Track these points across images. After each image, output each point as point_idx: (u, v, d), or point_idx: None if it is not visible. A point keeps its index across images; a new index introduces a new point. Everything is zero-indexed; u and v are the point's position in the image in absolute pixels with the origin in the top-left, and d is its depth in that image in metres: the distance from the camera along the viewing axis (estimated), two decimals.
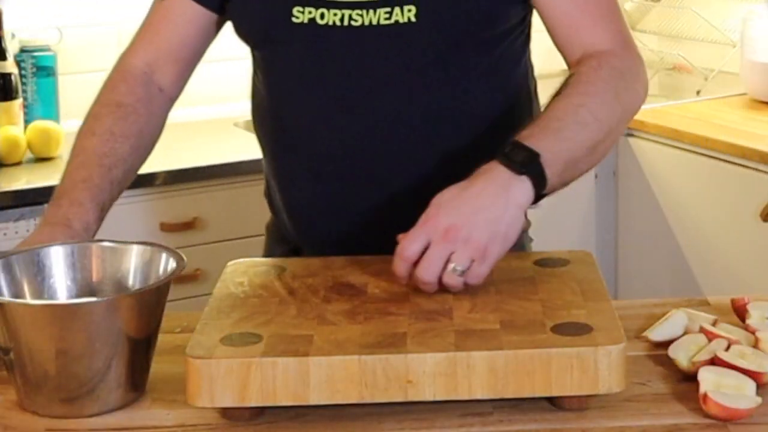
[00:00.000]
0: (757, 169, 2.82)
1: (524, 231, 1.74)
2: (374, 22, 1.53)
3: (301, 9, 1.56)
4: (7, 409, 1.31)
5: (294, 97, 1.61)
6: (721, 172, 2.93)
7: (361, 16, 1.54)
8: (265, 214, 2.85)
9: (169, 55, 1.68)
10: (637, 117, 3.24)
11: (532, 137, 1.42)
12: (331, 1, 1.54)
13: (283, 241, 1.72)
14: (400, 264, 1.37)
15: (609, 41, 1.55)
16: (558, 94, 1.50)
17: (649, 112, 3.20)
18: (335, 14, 1.54)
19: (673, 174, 3.07)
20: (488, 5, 1.55)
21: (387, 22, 1.53)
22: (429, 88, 1.56)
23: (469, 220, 1.36)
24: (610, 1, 1.59)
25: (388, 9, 1.53)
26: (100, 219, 1.56)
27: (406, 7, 1.52)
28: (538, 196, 1.41)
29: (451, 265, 1.35)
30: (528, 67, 1.68)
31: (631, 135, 3.16)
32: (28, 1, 3.05)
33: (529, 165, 1.39)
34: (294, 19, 1.56)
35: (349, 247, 1.54)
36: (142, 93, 1.66)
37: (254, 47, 1.67)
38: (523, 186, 1.39)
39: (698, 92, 3.39)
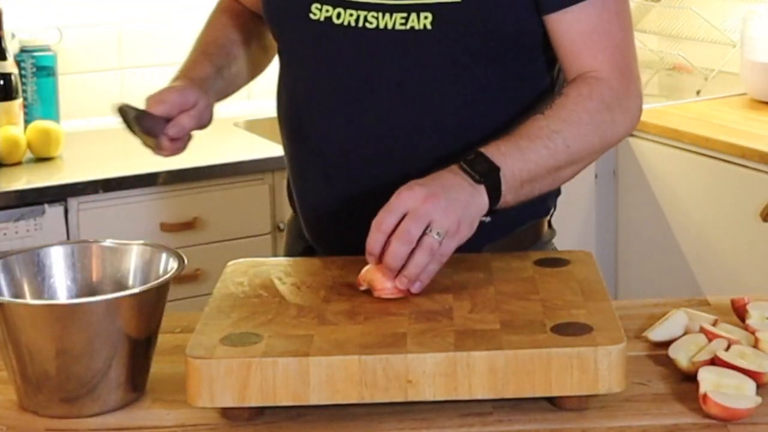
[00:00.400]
0: (757, 169, 2.82)
1: (549, 240, 1.74)
2: (389, 26, 1.53)
3: (319, 6, 1.56)
4: (7, 409, 1.31)
5: (307, 96, 1.62)
6: (721, 172, 2.93)
7: (377, 18, 1.53)
8: (265, 215, 2.86)
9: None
10: None
11: (498, 151, 1.45)
12: (349, 1, 1.55)
13: (301, 238, 1.72)
14: (377, 236, 1.37)
15: (608, 70, 1.54)
16: (540, 113, 1.50)
17: (649, 112, 3.19)
18: (351, 15, 1.54)
19: (673, 174, 3.07)
20: (504, 19, 1.53)
21: (402, 27, 1.53)
22: (441, 96, 1.56)
23: (445, 194, 1.38)
24: (621, 35, 1.57)
25: (405, 14, 1.52)
26: (219, 79, 1.66)
27: (422, 14, 1.52)
28: (489, 210, 1.44)
29: (429, 230, 1.36)
30: (553, 86, 1.66)
31: (632, 135, 3.16)
32: (28, 1, 3.05)
33: (488, 176, 1.42)
34: (312, 16, 1.57)
35: (359, 249, 1.53)
36: (248, 7, 1.75)
37: (275, 38, 1.68)
38: (481, 193, 1.42)
39: (698, 92, 3.39)
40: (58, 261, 1.40)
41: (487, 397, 1.23)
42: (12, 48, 2.90)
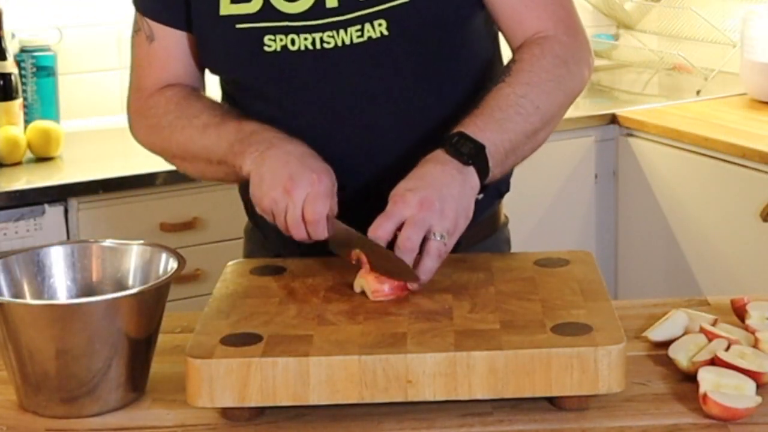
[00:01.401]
0: (757, 169, 2.82)
1: (505, 226, 1.75)
2: (347, 42, 1.52)
3: (272, 37, 1.53)
4: (7, 409, 1.31)
5: (273, 121, 1.55)
6: (721, 172, 2.93)
7: (333, 37, 1.52)
8: None
9: (185, 81, 1.65)
10: (637, 117, 3.26)
11: (476, 128, 1.45)
12: (300, 26, 1.52)
13: (265, 248, 1.71)
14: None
15: (552, 27, 1.57)
16: (501, 81, 1.52)
17: (649, 112, 3.20)
18: (306, 39, 1.52)
19: (673, 174, 3.07)
20: (455, 6, 1.54)
21: (360, 40, 1.51)
22: (411, 96, 1.56)
23: (440, 194, 1.39)
24: None
25: (359, 27, 1.51)
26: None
27: (376, 22, 1.51)
28: (481, 187, 1.45)
29: (432, 234, 1.37)
30: (499, 56, 1.69)
31: (631, 135, 3.16)
32: (28, 1, 3.05)
33: (475, 157, 1.43)
34: (266, 48, 1.53)
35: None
36: (179, 87, 1.64)
37: (226, 77, 1.65)
38: (471, 175, 1.43)
39: (698, 92, 3.39)
40: (58, 261, 1.40)
41: (487, 397, 1.23)
42: (12, 48, 2.90)
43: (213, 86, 1.71)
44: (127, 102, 1.69)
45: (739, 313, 1.45)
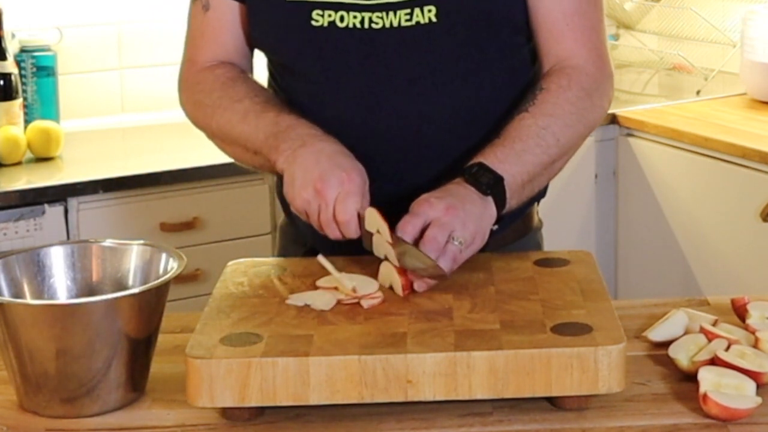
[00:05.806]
0: (757, 169, 2.82)
1: (538, 230, 1.75)
2: (395, 24, 1.53)
3: (320, 12, 1.54)
4: (7, 409, 1.31)
5: (314, 101, 1.59)
6: (721, 172, 2.93)
7: (381, 18, 1.53)
8: (265, 214, 2.86)
9: (235, 57, 1.67)
10: (637, 117, 3.26)
11: (495, 159, 1.47)
12: (350, 4, 1.53)
13: (297, 242, 1.71)
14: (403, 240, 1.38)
15: (584, 57, 1.58)
16: (524, 111, 1.53)
17: (649, 112, 3.20)
18: (355, 17, 1.53)
19: (673, 174, 3.07)
20: (506, 3, 1.55)
21: (408, 23, 1.53)
22: (452, 87, 1.57)
23: (464, 206, 1.41)
24: (596, 16, 1.61)
25: (408, 10, 1.53)
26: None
27: (426, 8, 1.52)
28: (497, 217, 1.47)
29: (452, 238, 1.38)
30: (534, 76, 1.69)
31: (631, 135, 3.16)
32: (28, 1, 3.05)
33: (494, 188, 1.45)
34: (313, 23, 1.55)
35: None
36: (229, 66, 1.65)
37: (272, 52, 1.66)
38: (490, 204, 1.45)
39: (698, 92, 3.38)
40: (58, 261, 1.40)
41: (487, 397, 1.23)
42: (12, 48, 2.90)
43: (261, 69, 1.72)
44: (180, 73, 1.70)
45: (740, 312, 1.45)
